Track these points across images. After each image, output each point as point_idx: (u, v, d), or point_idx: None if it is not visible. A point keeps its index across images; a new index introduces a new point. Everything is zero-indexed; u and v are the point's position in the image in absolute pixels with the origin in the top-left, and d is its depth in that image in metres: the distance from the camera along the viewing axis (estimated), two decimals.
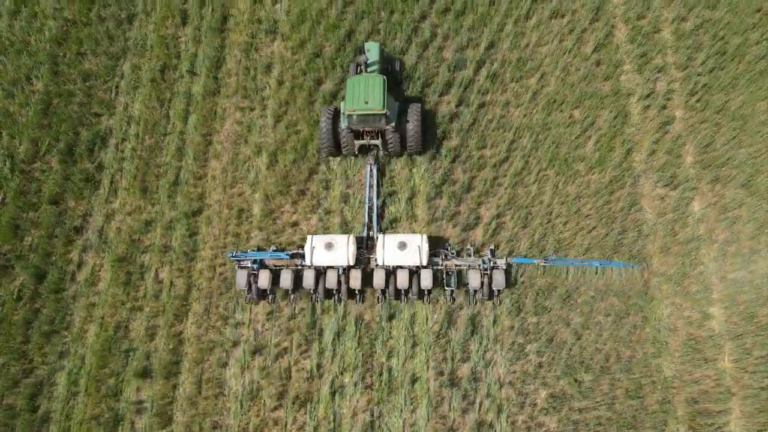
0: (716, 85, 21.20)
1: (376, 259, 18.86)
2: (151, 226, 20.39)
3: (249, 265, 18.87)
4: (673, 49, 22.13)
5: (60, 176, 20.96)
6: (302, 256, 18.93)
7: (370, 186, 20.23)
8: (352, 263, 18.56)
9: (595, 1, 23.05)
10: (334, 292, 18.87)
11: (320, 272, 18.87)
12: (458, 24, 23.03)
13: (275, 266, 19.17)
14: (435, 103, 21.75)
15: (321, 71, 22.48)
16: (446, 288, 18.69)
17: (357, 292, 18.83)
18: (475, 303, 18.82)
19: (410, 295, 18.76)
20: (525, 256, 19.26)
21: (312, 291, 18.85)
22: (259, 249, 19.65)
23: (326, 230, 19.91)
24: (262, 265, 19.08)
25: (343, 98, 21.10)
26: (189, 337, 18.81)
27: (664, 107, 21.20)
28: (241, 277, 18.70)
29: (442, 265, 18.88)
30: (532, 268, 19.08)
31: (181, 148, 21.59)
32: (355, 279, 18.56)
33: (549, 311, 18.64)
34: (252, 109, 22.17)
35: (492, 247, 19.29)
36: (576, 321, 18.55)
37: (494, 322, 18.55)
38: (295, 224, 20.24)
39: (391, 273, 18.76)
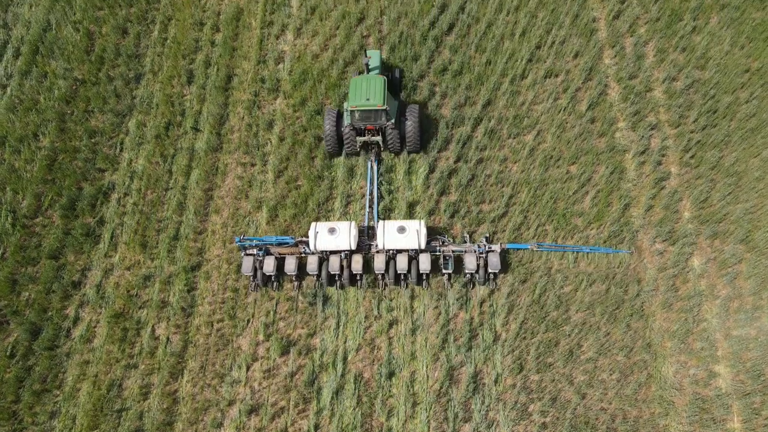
0: (709, 142, 21.61)
1: (376, 245, 19.69)
2: (150, 281, 20.29)
3: (255, 252, 19.70)
4: (665, 107, 22.69)
5: (61, 231, 21.05)
6: (306, 244, 19.74)
7: (371, 180, 21.42)
8: (353, 247, 19.36)
9: (588, 62, 23.82)
10: (337, 278, 19.62)
11: (323, 259, 19.69)
12: (456, 83, 23.72)
13: (280, 254, 19.93)
14: (434, 159, 22.09)
15: (322, 128, 22.97)
16: (444, 271, 19.43)
17: (358, 277, 19.65)
18: (472, 286, 19.59)
19: (409, 279, 19.53)
20: (526, 308, 19.13)
21: (316, 277, 19.68)
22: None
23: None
24: (267, 252, 19.89)
25: (346, 98, 22.45)
26: (184, 396, 18.37)
27: (659, 163, 21.54)
28: (247, 263, 19.54)
29: (439, 251, 19.62)
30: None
31: (183, 202, 21.78)
32: (357, 263, 19.42)
33: (552, 368, 18.28)
34: (253, 165, 22.51)
35: (486, 234, 20.09)
36: (580, 379, 18.16)
37: (496, 380, 18.17)
38: (294, 279, 20.13)
39: (391, 258, 19.57)
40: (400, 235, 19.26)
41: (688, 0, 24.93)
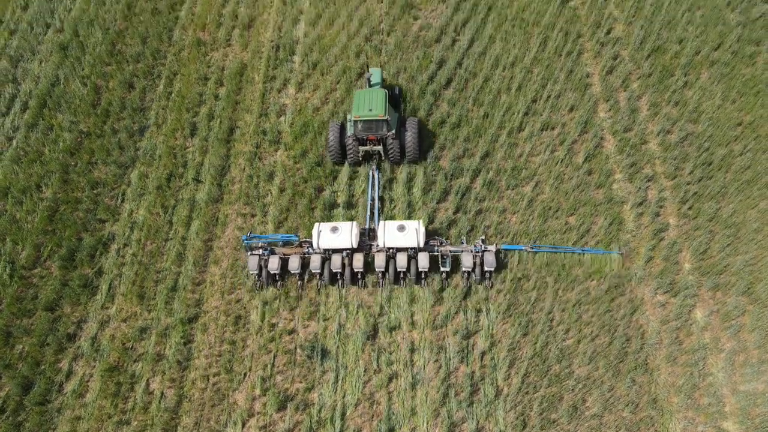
0: (706, 194, 21.80)
1: (377, 245, 20.60)
2: (146, 333, 20.01)
3: (260, 252, 20.50)
4: (661, 159, 23.02)
5: (58, 282, 20.93)
6: (310, 245, 20.71)
7: (372, 186, 22.57)
8: (355, 245, 20.21)
9: (583, 115, 24.32)
10: (339, 276, 20.42)
11: (326, 258, 20.51)
12: (454, 135, 24.14)
13: (284, 254, 20.73)
14: (433, 210, 22.22)
15: (321, 179, 23.21)
16: (441, 269, 20.19)
17: (359, 275, 20.40)
18: (469, 286, 20.26)
19: (408, 277, 20.30)
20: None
21: (318, 276, 20.48)
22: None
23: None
24: (272, 252, 20.67)
25: (349, 111, 24.06)
26: None
27: (657, 215, 21.65)
28: (253, 261, 20.30)
29: (437, 251, 20.47)
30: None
31: (182, 253, 21.75)
32: (358, 261, 20.14)
33: (556, 425, 17.77)
34: (253, 215, 22.61)
35: (482, 237, 20.81)
36: None
37: None
38: (292, 331, 19.88)
39: (391, 257, 20.36)
40: (399, 233, 20.14)
41: (679, 57, 25.72)
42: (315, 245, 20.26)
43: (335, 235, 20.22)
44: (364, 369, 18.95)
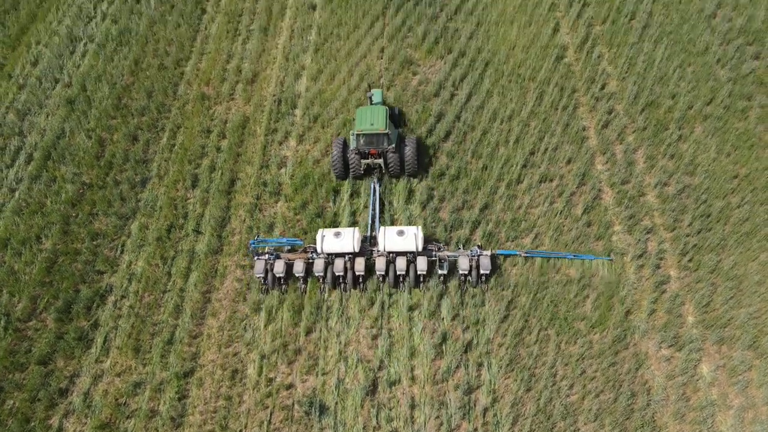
0: (706, 246, 21.80)
1: (378, 250, 21.58)
2: (140, 389, 19.56)
3: (267, 256, 21.43)
4: (659, 211, 23.15)
5: (53, 335, 20.62)
6: (314, 251, 21.74)
7: (373, 197, 23.78)
8: (357, 250, 21.24)
9: (581, 167, 24.62)
10: (341, 279, 21.37)
11: (329, 262, 21.47)
12: (453, 187, 24.36)
13: (289, 260, 21.68)
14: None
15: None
16: (439, 272, 21.15)
17: (360, 279, 21.34)
18: (465, 290, 21.13)
19: (407, 280, 21.27)
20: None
21: (321, 279, 21.34)
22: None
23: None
24: (277, 257, 21.60)
25: (352, 127, 25.50)
26: None
27: (658, 267, 21.58)
28: (259, 265, 21.27)
29: (435, 256, 21.45)
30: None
31: (180, 305, 21.53)
32: (360, 264, 21.14)
33: None
34: (252, 267, 22.52)
35: (479, 243, 21.93)
36: None
37: None
38: (290, 386, 19.44)
39: (391, 262, 21.38)
40: (399, 238, 21.17)
41: (672, 111, 26.28)
42: (319, 249, 21.28)
43: (338, 239, 21.21)
44: (363, 426, 18.43)
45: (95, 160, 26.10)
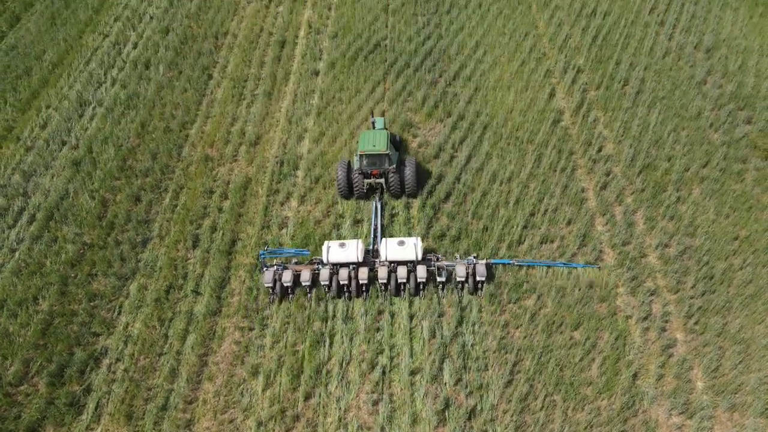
0: (711, 308, 21.54)
1: (380, 261, 22.90)
2: None
3: (275, 267, 22.74)
4: (661, 273, 23.03)
5: (44, 400, 20.00)
6: (320, 262, 23.11)
7: (376, 214, 25.37)
8: (360, 260, 22.59)
9: (581, 228, 24.70)
10: (345, 288, 22.61)
11: (333, 272, 22.65)
12: (454, 248, 24.33)
13: (296, 271, 22.96)
14: (435, 322, 21.80)
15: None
16: (438, 279, 22.41)
17: (364, 288, 22.66)
18: (462, 297, 22.30)
19: (408, 288, 22.50)
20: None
21: (326, 288, 22.66)
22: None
23: None
24: (285, 267, 22.92)
25: (356, 151, 27.28)
26: None
27: (663, 329, 21.24)
28: (268, 275, 22.47)
29: (434, 265, 22.80)
30: None
31: (176, 369, 21.01)
32: (363, 273, 22.44)
33: None
34: (251, 329, 22.15)
35: (474, 254, 23.08)
36: None
37: None
38: None
39: (392, 271, 22.64)
40: (399, 247, 22.64)
41: (669, 173, 26.67)
42: (324, 259, 22.61)
43: (343, 249, 22.60)
44: None
45: (97, 220, 26.21)
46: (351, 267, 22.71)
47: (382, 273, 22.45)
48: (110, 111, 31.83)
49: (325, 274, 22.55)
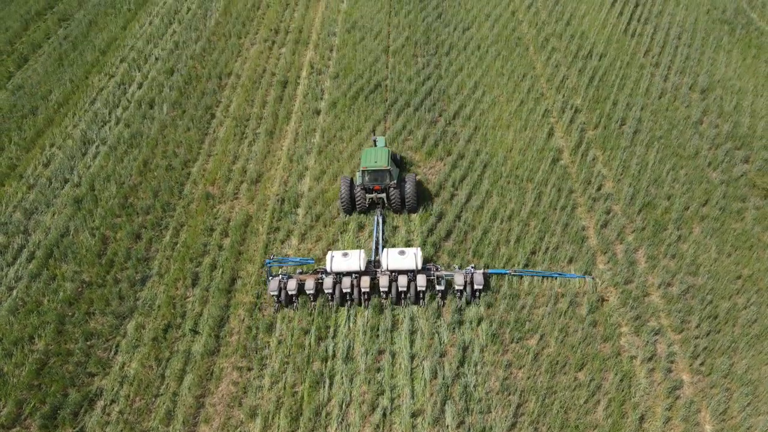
0: (716, 348, 21.24)
1: (381, 270, 23.81)
2: None
3: (280, 276, 23.64)
4: (665, 312, 22.80)
5: None
6: (324, 272, 23.97)
7: (377, 228, 26.41)
8: (363, 268, 23.43)
9: (583, 267, 24.58)
10: (348, 297, 23.44)
11: (336, 281, 23.48)
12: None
13: (300, 280, 23.82)
14: (436, 362, 21.44)
15: (322, 331, 22.77)
16: (437, 288, 23.19)
17: (366, 296, 23.44)
18: (460, 305, 23.17)
19: (408, 296, 23.28)
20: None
21: (329, 297, 23.39)
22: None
23: None
24: (289, 276, 23.83)
25: (358, 168, 28.57)
26: None
27: (669, 371, 20.88)
28: (274, 284, 23.42)
29: (433, 275, 23.61)
30: None
31: (171, 411, 20.56)
32: (365, 282, 23.20)
33: None
34: (250, 369, 21.78)
35: (472, 264, 24.02)
36: None
37: None
38: None
39: (393, 280, 23.43)
40: (400, 257, 23.53)
41: (669, 212, 26.73)
42: (328, 268, 23.44)
43: (346, 259, 23.47)
44: None
45: (97, 258, 26.12)
46: (354, 276, 23.54)
47: (384, 281, 23.27)
48: (113, 149, 32.16)
49: (328, 282, 23.31)
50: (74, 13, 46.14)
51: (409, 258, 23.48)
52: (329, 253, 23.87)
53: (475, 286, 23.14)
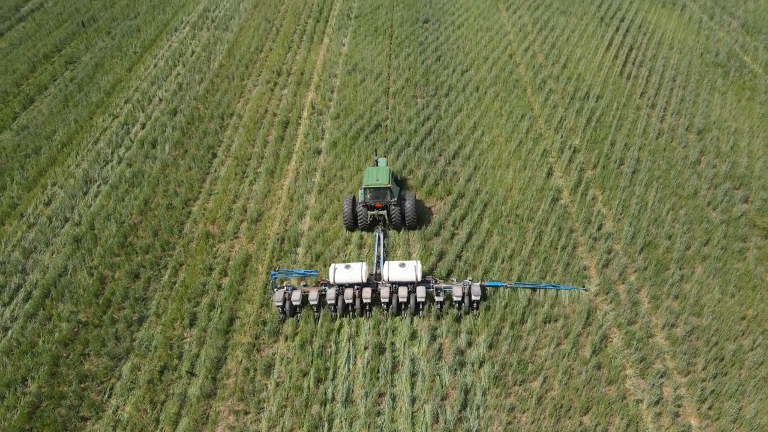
0: (724, 392, 20.79)
1: (383, 282, 24.66)
2: None
3: (285, 288, 24.64)
4: (670, 354, 22.42)
5: None
6: (327, 284, 24.92)
7: (378, 244, 27.43)
8: (364, 280, 24.36)
9: (585, 306, 24.31)
10: (350, 307, 24.41)
11: (339, 293, 24.43)
12: (456, 327, 23.81)
13: (304, 291, 24.72)
14: (438, 406, 20.93)
15: (321, 372, 22.33)
16: (436, 299, 24.16)
17: (367, 307, 24.41)
18: (459, 315, 24.06)
19: (408, 307, 24.20)
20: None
21: (332, 307, 24.26)
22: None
23: None
24: (294, 288, 24.84)
25: (360, 186, 30.25)
26: None
27: (677, 415, 20.38)
28: (279, 295, 24.28)
29: (432, 287, 24.54)
30: None
31: None
32: (367, 293, 24.14)
33: None
34: (247, 413, 21.25)
35: (470, 277, 25.31)
36: None
37: None
38: None
39: (393, 292, 24.27)
40: (401, 269, 24.50)
41: (671, 251, 26.64)
42: (331, 280, 24.33)
43: (348, 271, 24.36)
44: None
45: (94, 297, 25.84)
46: (355, 287, 24.46)
47: (385, 293, 24.10)
48: (115, 188, 32.29)
49: (331, 293, 24.25)
50: (81, 56, 47.16)
51: (410, 270, 24.42)
52: (332, 265, 24.73)
53: (473, 297, 23.97)
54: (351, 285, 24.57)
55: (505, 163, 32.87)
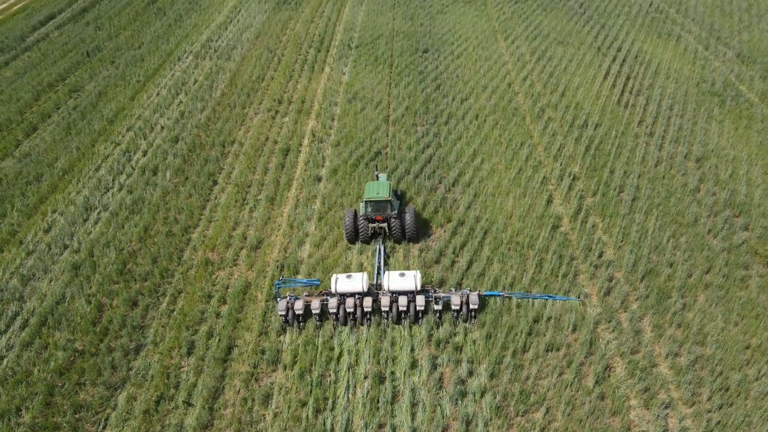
0: (730, 423, 20.41)
1: (383, 291, 25.35)
2: None
3: (288, 297, 25.25)
4: (674, 384, 22.10)
5: None
6: (328, 294, 25.57)
7: (379, 256, 28.23)
8: (365, 290, 25.07)
9: (587, 335, 24.05)
10: (351, 316, 25.03)
11: (340, 302, 25.12)
12: (457, 356, 23.52)
13: (307, 301, 25.41)
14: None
15: (320, 402, 21.96)
16: (435, 308, 24.84)
17: (368, 316, 25.02)
18: (457, 324, 24.85)
19: (408, 316, 24.88)
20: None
21: (334, 316, 25.02)
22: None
23: None
24: (296, 297, 25.41)
25: (360, 199, 31.38)
26: None
27: None
28: (282, 304, 25.00)
29: (431, 297, 25.20)
30: None
31: None
32: (368, 302, 24.80)
33: None
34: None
35: (468, 287, 26.14)
36: None
37: None
38: None
39: (393, 301, 24.87)
40: (400, 278, 25.18)
41: (672, 279, 26.49)
42: (333, 289, 25.03)
43: (349, 281, 25.04)
44: None
45: (91, 325, 25.60)
46: (357, 296, 25.09)
47: (385, 302, 24.67)
48: (115, 215, 32.30)
49: (333, 303, 24.91)
50: (85, 85, 47.74)
51: (409, 279, 25.06)
52: (334, 276, 25.37)
53: (471, 306, 24.61)
54: (352, 294, 25.18)
55: (505, 190, 32.96)
